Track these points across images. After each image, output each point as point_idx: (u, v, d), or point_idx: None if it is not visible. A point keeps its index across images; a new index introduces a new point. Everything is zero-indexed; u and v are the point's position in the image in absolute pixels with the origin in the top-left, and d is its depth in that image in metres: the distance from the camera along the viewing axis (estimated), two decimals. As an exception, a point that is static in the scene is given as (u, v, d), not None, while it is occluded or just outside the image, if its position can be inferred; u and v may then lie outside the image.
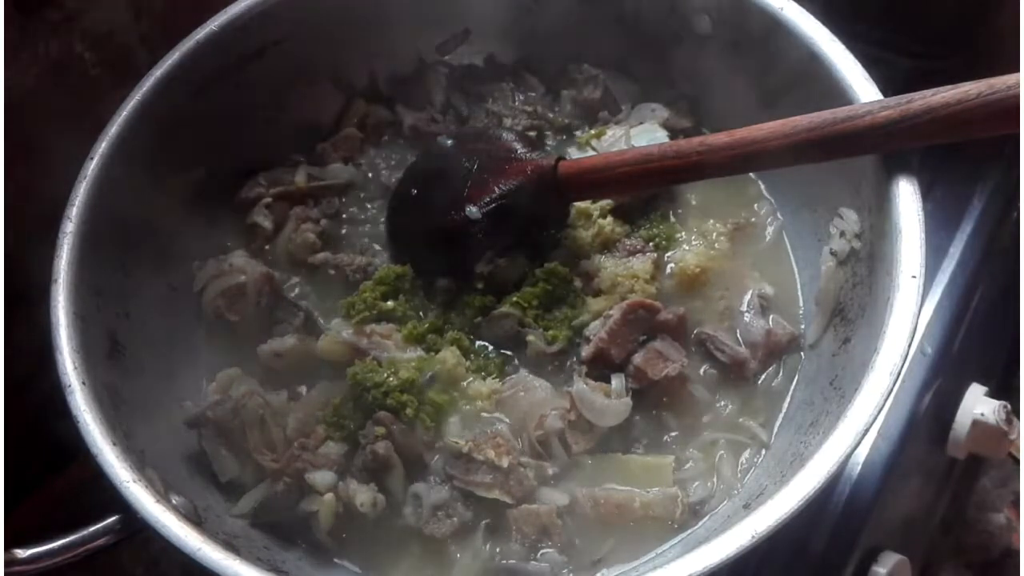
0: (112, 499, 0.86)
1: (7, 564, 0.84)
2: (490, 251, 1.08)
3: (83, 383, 0.91)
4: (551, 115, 1.26)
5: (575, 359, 1.05)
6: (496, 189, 1.07)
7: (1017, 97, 0.81)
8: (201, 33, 1.12)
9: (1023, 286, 1.07)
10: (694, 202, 1.17)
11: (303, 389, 1.10)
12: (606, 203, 1.14)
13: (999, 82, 0.82)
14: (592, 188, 1.08)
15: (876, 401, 0.82)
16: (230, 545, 0.88)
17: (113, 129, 1.05)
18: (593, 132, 1.21)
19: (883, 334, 0.85)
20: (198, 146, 1.16)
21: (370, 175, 1.25)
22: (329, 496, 0.97)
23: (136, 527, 0.85)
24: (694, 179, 1.04)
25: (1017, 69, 0.83)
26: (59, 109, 1.10)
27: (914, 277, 0.87)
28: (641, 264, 1.09)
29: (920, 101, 0.86)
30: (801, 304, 1.11)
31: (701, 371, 1.06)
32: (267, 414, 1.05)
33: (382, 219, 1.21)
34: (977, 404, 1.19)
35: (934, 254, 1.25)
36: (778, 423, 1.04)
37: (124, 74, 1.12)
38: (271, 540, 1.00)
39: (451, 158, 1.15)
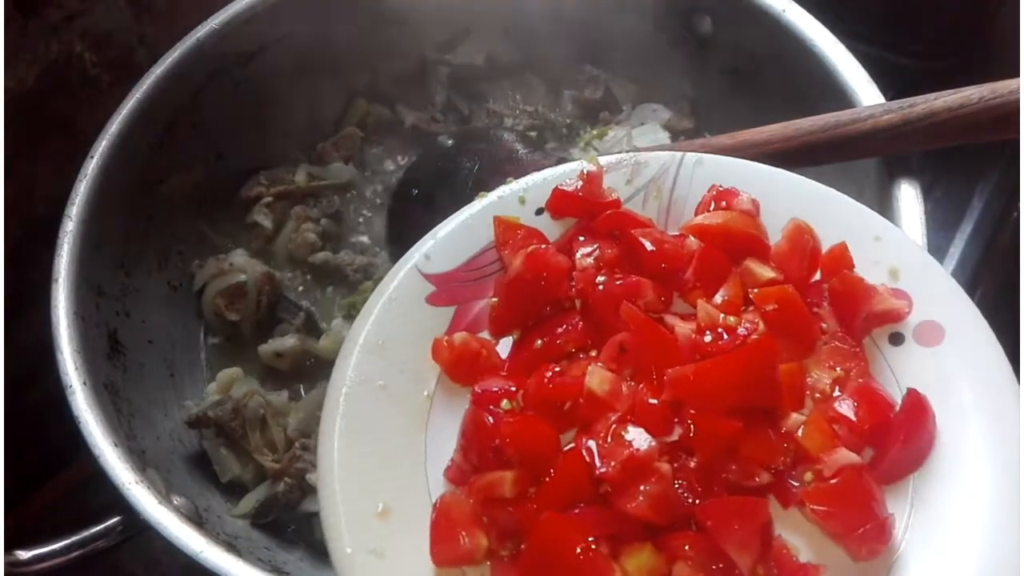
0: (113, 499, 0.86)
1: (9, 565, 0.84)
2: (491, 252, 1.08)
3: (84, 383, 0.91)
4: (552, 115, 1.26)
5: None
6: (497, 190, 1.07)
7: (1018, 102, 0.81)
8: (201, 32, 1.11)
9: (1023, 286, 1.07)
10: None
11: (303, 389, 1.10)
12: (607, 204, 1.14)
13: (1001, 86, 0.82)
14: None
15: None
16: (231, 546, 0.88)
17: (113, 129, 1.05)
18: (595, 132, 1.21)
19: (884, 336, 0.85)
20: (198, 146, 1.16)
21: (370, 175, 1.25)
22: (330, 497, 0.97)
23: (138, 528, 0.85)
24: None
25: (1018, 71, 0.83)
26: (59, 109, 1.10)
27: (915, 279, 0.87)
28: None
29: (922, 105, 0.86)
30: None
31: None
32: (268, 414, 1.05)
33: (382, 219, 1.21)
34: (977, 404, 1.19)
35: (934, 254, 1.24)
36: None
37: (124, 74, 1.11)
38: (272, 541, 1.00)
39: (452, 158, 1.15)
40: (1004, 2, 1.21)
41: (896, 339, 0.72)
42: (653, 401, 0.68)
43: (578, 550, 0.64)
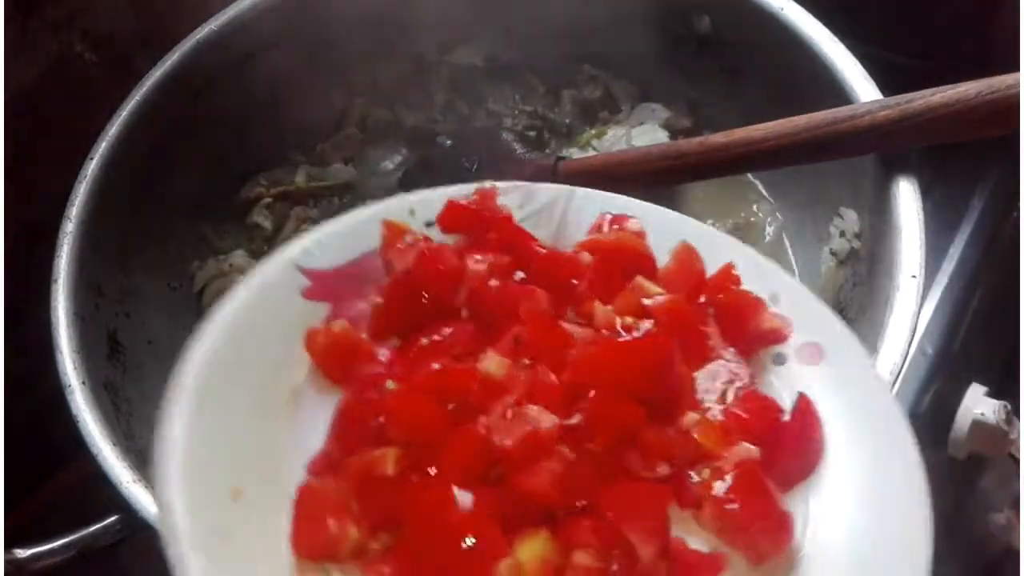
0: (112, 499, 0.86)
1: (7, 564, 0.84)
2: (490, 251, 1.08)
3: (83, 383, 0.91)
4: (551, 115, 1.26)
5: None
6: (496, 189, 1.08)
7: (1017, 96, 0.81)
8: (201, 33, 1.12)
9: (1023, 286, 1.07)
10: (693, 202, 1.17)
11: (303, 389, 1.10)
12: (606, 203, 1.14)
13: (998, 81, 0.82)
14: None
15: (876, 401, 0.82)
16: (230, 545, 0.88)
17: (113, 129, 1.05)
18: (593, 132, 1.22)
19: (883, 334, 0.85)
20: (198, 146, 1.16)
21: (370, 175, 1.25)
22: (329, 496, 0.97)
23: (137, 527, 0.85)
24: (693, 179, 1.04)
25: (1017, 68, 0.83)
26: (59, 109, 1.10)
27: (914, 277, 0.87)
28: (641, 265, 1.09)
29: (920, 101, 0.86)
30: (801, 304, 1.11)
31: (701, 371, 1.06)
32: (267, 414, 1.05)
33: (382, 219, 1.21)
34: (977, 404, 1.19)
35: (934, 254, 1.25)
36: (778, 423, 1.04)
37: (124, 74, 1.11)
38: (271, 540, 1.00)
39: (452, 158, 1.15)
40: (1003, 1, 1.21)
41: (779, 359, 0.73)
42: (553, 379, 0.65)
43: (465, 541, 0.58)
